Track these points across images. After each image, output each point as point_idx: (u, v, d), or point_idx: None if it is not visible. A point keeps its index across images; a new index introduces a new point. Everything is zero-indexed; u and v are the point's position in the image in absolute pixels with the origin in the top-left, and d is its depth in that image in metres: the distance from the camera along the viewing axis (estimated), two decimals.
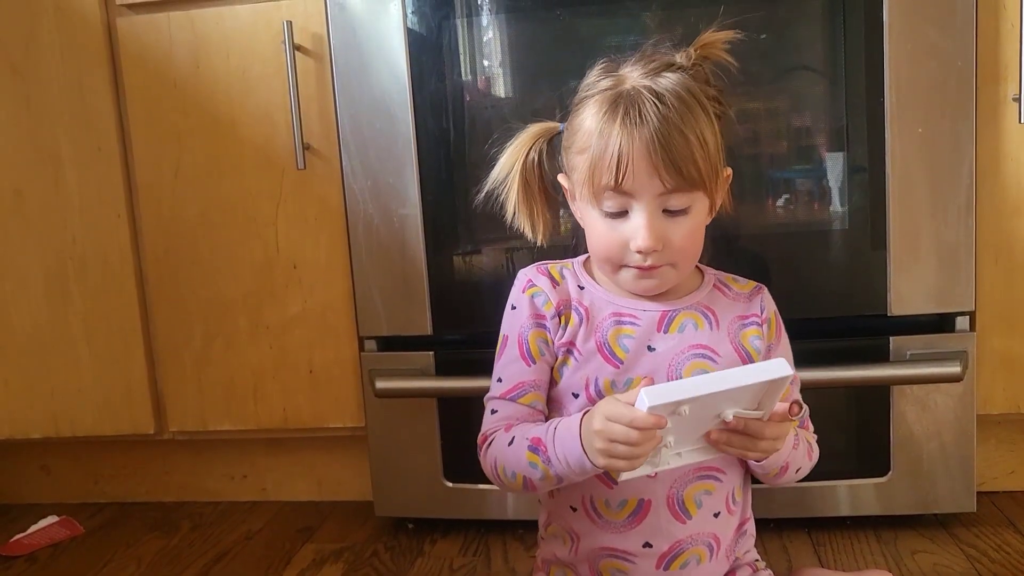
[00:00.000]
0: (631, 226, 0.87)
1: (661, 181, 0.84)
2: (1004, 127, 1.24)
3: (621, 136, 0.84)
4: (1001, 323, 1.28)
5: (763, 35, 1.25)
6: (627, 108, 0.84)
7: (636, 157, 0.83)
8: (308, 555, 1.38)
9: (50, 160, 1.45)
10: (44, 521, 1.55)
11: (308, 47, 1.36)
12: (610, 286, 0.95)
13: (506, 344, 0.96)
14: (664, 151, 0.83)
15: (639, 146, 0.83)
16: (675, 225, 0.87)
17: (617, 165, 0.84)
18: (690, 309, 0.93)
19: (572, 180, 0.92)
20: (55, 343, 1.50)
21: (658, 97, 0.84)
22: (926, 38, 1.20)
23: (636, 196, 0.85)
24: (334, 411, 1.45)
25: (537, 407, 0.94)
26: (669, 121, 0.83)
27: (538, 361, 0.94)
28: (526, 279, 0.96)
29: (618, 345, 0.91)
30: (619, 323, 0.92)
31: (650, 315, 0.92)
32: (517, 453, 0.88)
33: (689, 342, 0.91)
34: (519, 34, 1.34)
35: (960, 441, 1.28)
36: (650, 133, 0.83)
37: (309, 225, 1.40)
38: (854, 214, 1.26)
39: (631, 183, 0.84)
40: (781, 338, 0.97)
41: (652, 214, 0.86)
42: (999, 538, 1.27)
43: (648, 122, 0.83)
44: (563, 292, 0.95)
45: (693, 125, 0.84)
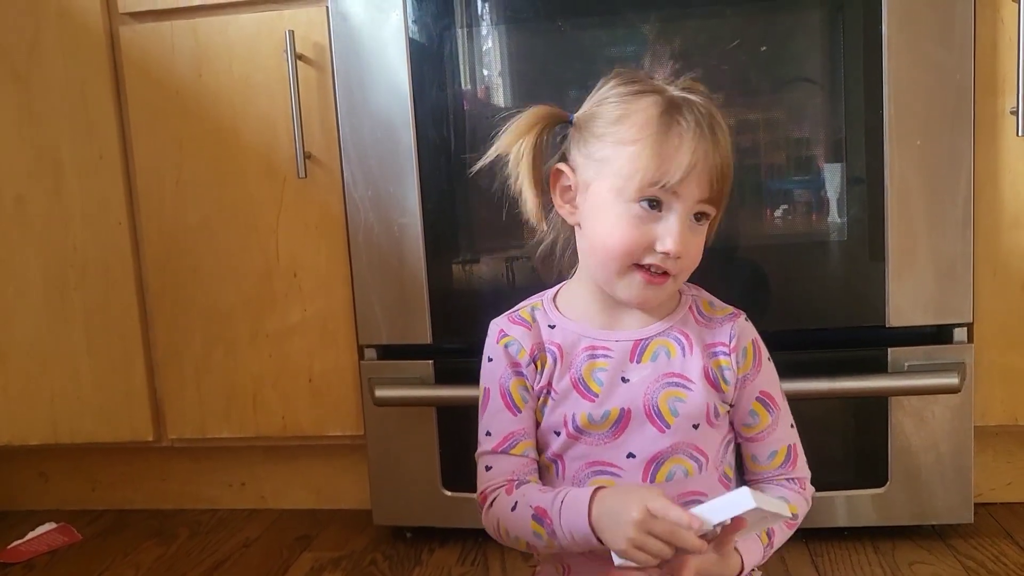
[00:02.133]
0: (663, 227, 0.85)
1: (708, 189, 0.85)
2: (1002, 140, 1.25)
3: (695, 141, 0.84)
4: (999, 335, 1.29)
5: (763, 47, 1.26)
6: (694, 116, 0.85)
7: (700, 166, 0.84)
8: (306, 563, 1.38)
9: (51, 167, 1.46)
10: (42, 528, 1.55)
11: (310, 56, 1.37)
12: (583, 314, 0.94)
13: (488, 397, 0.95)
14: (717, 168, 0.84)
15: (696, 152, 0.83)
16: (693, 235, 0.87)
17: (687, 169, 0.83)
18: (663, 336, 0.92)
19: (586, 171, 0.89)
20: (55, 350, 1.50)
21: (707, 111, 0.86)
22: (924, 51, 1.20)
23: (680, 200, 0.85)
24: (333, 419, 1.45)
25: (529, 455, 0.94)
26: (717, 137, 0.85)
27: (523, 409, 0.94)
28: (498, 330, 0.96)
29: (592, 379, 0.91)
30: (593, 356, 0.92)
31: (622, 345, 0.92)
32: (521, 520, 0.89)
33: (662, 371, 0.91)
34: (519, 44, 1.35)
35: (958, 452, 1.28)
36: (718, 149, 0.85)
37: (310, 233, 1.41)
38: (853, 225, 1.27)
39: (683, 186, 0.84)
40: (760, 368, 0.94)
41: (685, 220, 0.85)
42: (996, 549, 1.28)
43: (718, 138, 0.85)
44: (535, 335, 0.94)
45: (727, 149, 0.87)
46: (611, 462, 0.91)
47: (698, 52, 1.30)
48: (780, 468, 0.95)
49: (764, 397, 0.94)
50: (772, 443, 0.95)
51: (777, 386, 0.96)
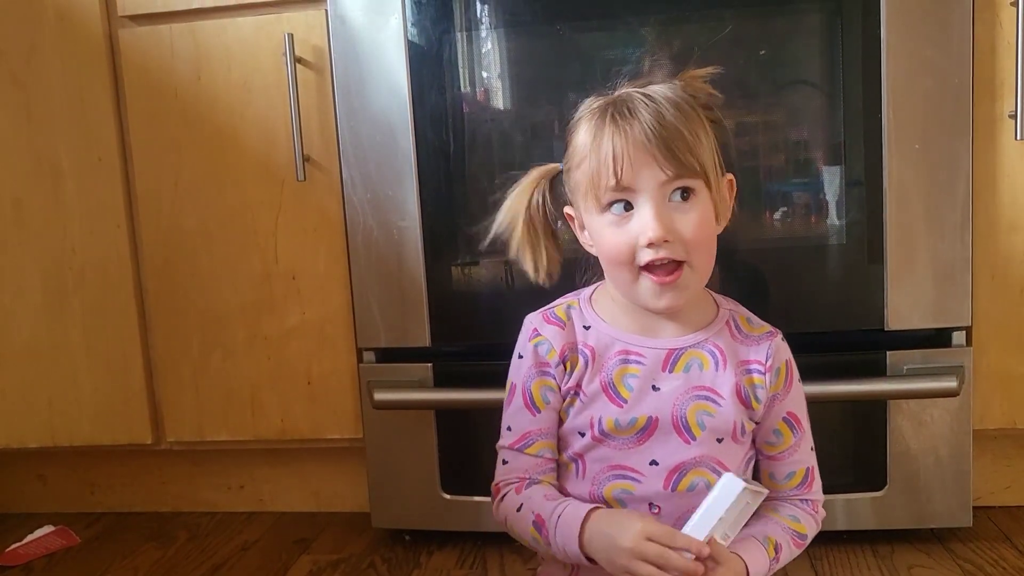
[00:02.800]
0: (638, 222, 0.86)
1: (661, 169, 0.84)
2: (1000, 144, 1.25)
3: (613, 134, 0.85)
4: (997, 338, 1.29)
5: (762, 50, 1.26)
6: (617, 108, 0.86)
7: (632, 150, 0.84)
8: (304, 566, 1.38)
9: (50, 170, 1.46)
10: (40, 531, 1.54)
11: (309, 59, 1.37)
12: (618, 319, 0.94)
13: (513, 392, 0.96)
14: (659, 139, 0.83)
15: (634, 138, 0.84)
16: (682, 215, 0.86)
17: (614, 160, 0.84)
18: (698, 347, 0.92)
19: (576, 202, 0.92)
20: (53, 352, 1.50)
21: (647, 97, 0.86)
22: (923, 55, 1.20)
23: (639, 190, 0.85)
24: (332, 422, 1.45)
25: (545, 455, 0.95)
26: (660, 115, 0.84)
27: (543, 410, 0.94)
28: (532, 328, 0.96)
29: (623, 384, 0.91)
30: (625, 362, 0.92)
31: (656, 353, 0.92)
32: (523, 523, 0.91)
33: (693, 383, 0.91)
34: (519, 48, 1.35)
35: (956, 456, 1.28)
36: (642, 125, 0.84)
37: (308, 236, 1.41)
38: (851, 228, 1.27)
39: (631, 176, 0.84)
40: (791, 389, 0.94)
41: (658, 204, 0.85)
42: (995, 553, 1.28)
43: (639, 116, 0.84)
44: (569, 335, 0.94)
45: (684, 121, 0.85)
46: (633, 467, 0.91)
47: (697, 55, 1.30)
48: (796, 489, 0.96)
49: (790, 418, 0.94)
50: (791, 464, 0.95)
51: (804, 408, 0.96)
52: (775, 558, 0.90)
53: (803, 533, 0.94)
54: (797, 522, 0.94)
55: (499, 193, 0.95)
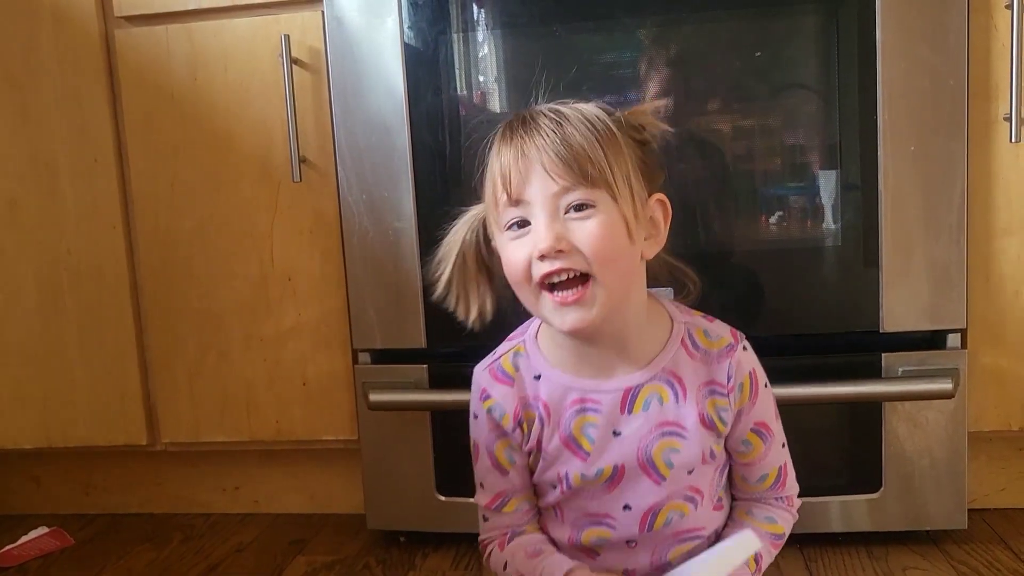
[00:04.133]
0: (532, 235, 0.81)
1: (552, 178, 0.79)
2: (995, 146, 1.25)
3: (507, 149, 0.82)
4: (992, 340, 1.29)
5: (758, 52, 1.26)
6: (518, 122, 0.83)
7: (523, 162, 0.80)
8: (300, 568, 1.38)
9: (46, 171, 1.45)
10: (34, 532, 1.54)
11: (305, 61, 1.37)
12: (567, 361, 0.89)
13: (477, 452, 0.95)
14: (551, 149, 0.79)
15: (524, 149, 0.80)
16: (579, 225, 0.80)
17: (502, 174, 0.81)
18: (655, 381, 0.87)
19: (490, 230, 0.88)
20: (48, 353, 1.50)
21: (554, 111, 0.82)
22: (919, 57, 1.21)
23: (531, 202, 0.81)
24: (327, 424, 1.45)
25: (523, 508, 0.95)
26: (559, 126, 0.80)
27: (511, 469, 0.93)
28: (481, 388, 0.93)
29: (583, 436, 0.88)
30: (582, 411, 0.88)
31: (612, 396, 0.87)
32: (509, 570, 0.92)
33: (655, 420, 0.87)
34: (515, 49, 1.35)
35: (951, 458, 1.28)
36: (537, 137, 0.80)
37: (304, 238, 1.41)
38: (847, 231, 1.27)
39: (520, 188, 0.80)
40: (757, 399, 0.90)
41: (550, 215, 0.80)
42: (990, 555, 1.28)
43: (538, 129, 0.81)
44: (519, 390, 0.90)
45: (588, 133, 0.80)
46: (607, 513, 0.90)
47: (693, 57, 1.30)
48: (770, 489, 0.94)
49: (759, 427, 0.91)
50: (763, 467, 0.93)
51: (772, 411, 0.93)
52: (757, 569, 0.90)
53: (780, 533, 0.94)
54: (774, 523, 0.94)
55: None
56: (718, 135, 1.30)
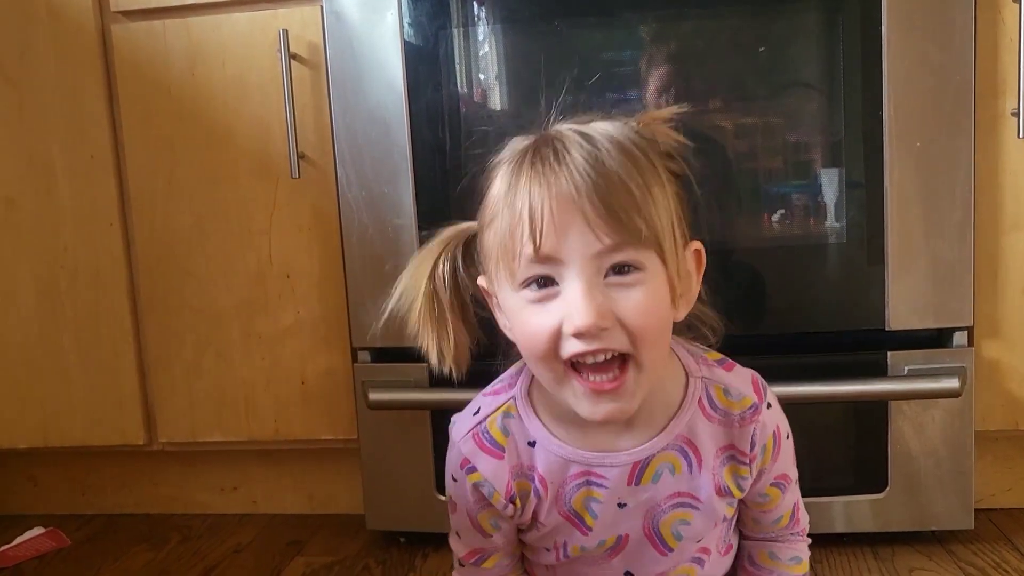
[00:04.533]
0: (563, 303, 0.66)
1: (595, 234, 0.64)
2: (1002, 141, 1.24)
3: (532, 184, 0.65)
4: (999, 339, 1.28)
5: (761, 48, 1.25)
6: (539, 150, 0.67)
7: (556, 206, 0.64)
8: (298, 569, 1.36)
9: (42, 168, 1.44)
10: (30, 532, 1.53)
11: (304, 56, 1.35)
12: (565, 430, 0.77)
13: (455, 508, 0.82)
14: (593, 193, 0.64)
15: (559, 190, 0.64)
16: (624, 295, 0.66)
17: (531, 220, 0.64)
18: (667, 450, 0.76)
19: (489, 273, 0.73)
20: (45, 352, 1.48)
21: (583, 135, 0.67)
22: (925, 52, 1.19)
23: (565, 261, 0.65)
24: (326, 423, 1.44)
25: (504, 564, 0.84)
26: (598, 159, 0.65)
27: (495, 533, 0.81)
28: (462, 459, 0.78)
29: (587, 511, 0.77)
30: (587, 484, 0.76)
31: (620, 471, 0.76)
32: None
33: (666, 492, 0.77)
34: (516, 45, 1.34)
35: (958, 457, 1.27)
36: (571, 172, 0.64)
37: (303, 235, 1.39)
38: (852, 228, 1.25)
39: (554, 243, 0.64)
40: (779, 455, 0.80)
41: (590, 281, 0.65)
42: (997, 556, 1.26)
43: (569, 160, 0.65)
44: (512, 459, 0.77)
45: (631, 169, 0.65)
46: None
47: (696, 54, 1.29)
48: (784, 529, 0.87)
49: (779, 480, 0.82)
50: (779, 512, 0.86)
51: (792, 460, 0.84)
52: None
53: (806, 571, 0.89)
54: (800, 562, 0.88)
55: None
56: (720, 132, 1.29)
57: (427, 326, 0.77)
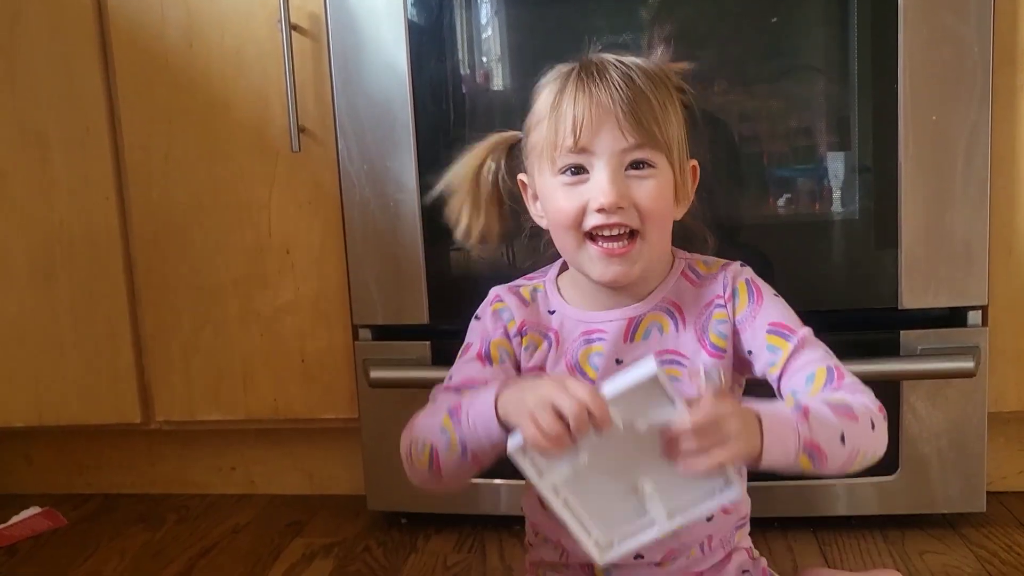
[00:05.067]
0: (592, 186, 0.83)
1: (623, 134, 0.82)
2: (1020, 115, 1.21)
3: (577, 94, 0.83)
4: (1014, 318, 1.25)
5: (774, 18, 1.23)
6: (585, 68, 0.84)
7: (596, 112, 0.82)
8: (297, 550, 1.35)
9: (37, 141, 1.41)
10: (26, 512, 1.51)
11: (305, 27, 1.32)
12: (580, 300, 0.92)
13: (467, 350, 0.94)
14: (625, 103, 0.81)
15: (598, 100, 0.82)
16: (639, 184, 0.83)
17: (574, 120, 0.82)
18: (655, 310, 0.89)
19: (531, 167, 0.90)
20: (40, 328, 1.46)
21: (620, 62, 0.84)
22: (942, 23, 1.16)
23: (596, 153, 0.83)
24: (326, 402, 1.42)
25: None
26: (630, 78, 0.82)
27: (495, 365, 0.91)
28: (495, 295, 0.95)
29: (588, 364, 0.89)
30: (588, 341, 0.90)
31: (616, 325, 0.89)
32: (434, 418, 0.84)
33: (655, 349, 0.88)
34: (520, 17, 1.31)
35: (970, 439, 1.25)
36: (609, 87, 0.82)
37: (303, 210, 1.37)
38: (865, 205, 1.23)
39: (590, 138, 0.82)
40: (762, 302, 0.88)
41: (615, 170, 0.83)
42: (1009, 539, 1.24)
43: (608, 77, 0.82)
44: (532, 314, 0.92)
45: (655, 90, 0.83)
46: None
47: (706, 27, 1.26)
48: (825, 388, 0.82)
49: (777, 327, 0.86)
50: (805, 366, 0.84)
51: (791, 315, 0.88)
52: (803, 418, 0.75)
53: (844, 403, 0.79)
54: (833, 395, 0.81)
55: None
56: (730, 110, 1.26)
57: (464, 207, 0.93)
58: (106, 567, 1.32)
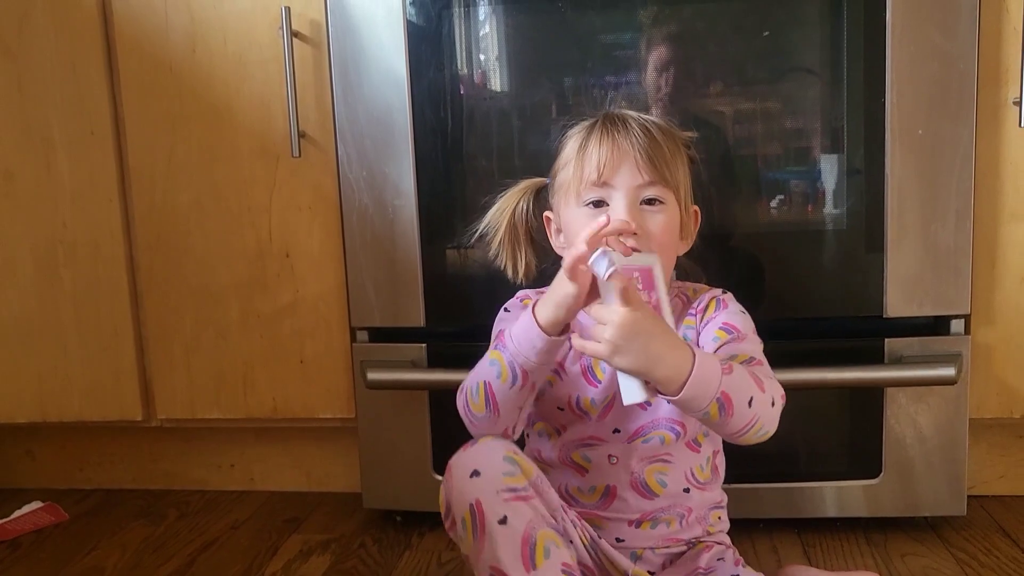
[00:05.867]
0: (611, 213, 0.93)
1: (640, 172, 0.94)
2: (1004, 131, 1.24)
3: (602, 138, 0.96)
4: (996, 327, 1.28)
5: (765, 32, 1.25)
6: (609, 119, 0.98)
7: (617, 154, 0.95)
8: (295, 546, 1.37)
9: (42, 143, 1.44)
10: (28, 507, 1.53)
11: (306, 34, 1.35)
12: None
13: (499, 337, 0.97)
14: (642, 148, 0.94)
15: (619, 144, 0.95)
16: (651, 216, 0.95)
17: (598, 160, 0.95)
18: None
19: (557, 203, 1.01)
20: (43, 327, 1.48)
21: (639, 116, 0.98)
22: (929, 39, 1.19)
23: (616, 187, 0.94)
24: (324, 402, 1.44)
25: None
26: (647, 130, 0.96)
27: None
28: (523, 294, 1.06)
29: (599, 367, 0.99)
30: None
31: None
32: (481, 362, 0.95)
33: None
34: (519, 25, 1.33)
35: (952, 445, 1.28)
36: (629, 135, 0.95)
37: (303, 214, 1.39)
38: (852, 215, 1.26)
39: (611, 174, 0.94)
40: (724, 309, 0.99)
41: (632, 202, 0.94)
42: (988, 542, 1.27)
43: (630, 128, 0.96)
44: None
45: (667, 140, 0.97)
46: (598, 436, 1.00)
47: (698, 38, 1.28)
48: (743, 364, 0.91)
49: (727, 326, 0.97)
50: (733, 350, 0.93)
51: (746, 325, 0.98)
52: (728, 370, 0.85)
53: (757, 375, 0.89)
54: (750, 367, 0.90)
55: (496, 173, 0.96)
56: (720, 117, 1.29)
57: (507, 248, 1.06)
58: (107, 562, 1.35)
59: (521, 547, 0.85)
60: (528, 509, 0.88)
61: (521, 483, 0.89)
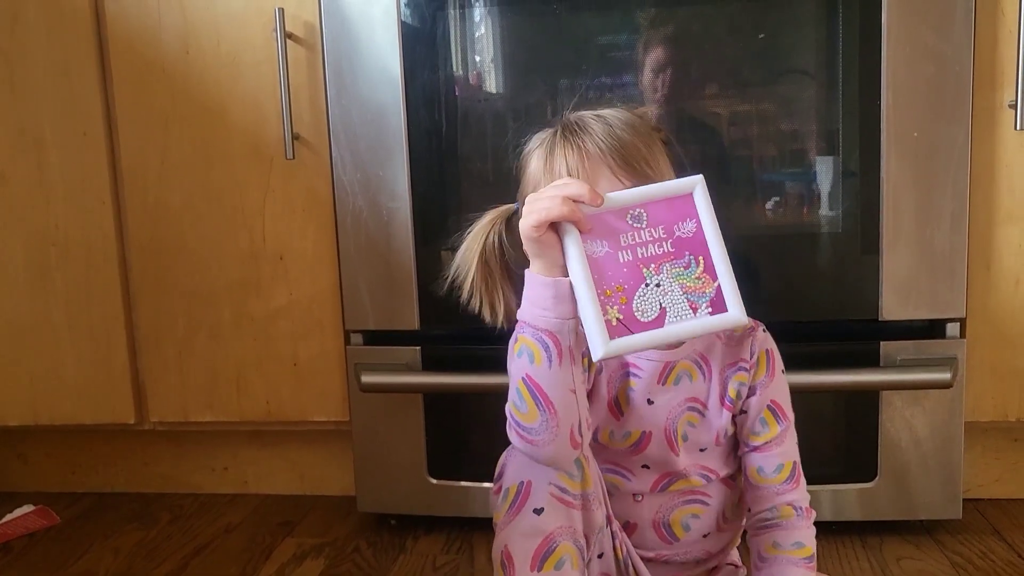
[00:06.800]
0: None
1: (619, 179, 0.84)
2: (999, 133, 1.24)
3: (566, 151, 0.85)
4: (991, 330, 1.28)
5: (760, 35, 1.25)
6: (567, 128, 0.87)
7: (589, 164, 0.84)
8: (289, 549, 1.37)
9: (34, 144, 1.43)
10: (20, 510, 1.52)
11: (300, 35, 1.34)
12: None
13: None
14: (613, 150, 0.84)
15: (587, 151, 0.85)
16: None
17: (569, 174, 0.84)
18: (686, 359, 0.93)
19: None
20: (35, 329, 1.47)
21: (596, 115, 0.88)
22: (924, 42, 1.19)
23: None
24: (318, 404, 1.43)
25: None
26: (611, 128, 0.86)
27: None
28: None
29: (624, 397, 0.94)
30: (626, 376, 0.93)
31: (652, 366, 0.93)
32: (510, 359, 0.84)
33: (684, 395, 0.93)
34: (513, 27, 1.33)
35: (947, 448, 1.28)
36: (594, 138, 0.85)
37: (296, 216, 1.39)
38: (847, 218, 1.25)
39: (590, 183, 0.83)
40: (774, 377, 0.95)
41: None
42: (984, 545, 1.27)
43: (590, 130, 0.86)
44: None
45: (636, 134, 0.87)
46: (627, 467, 0.95)
47: (693, 40, 1.28)
48: (785, 484, 0.94)
49: (774, 406, 0.95)
50: (778, 456, 0.94)
51: (788, 399, 0.96)
52: None
53: (811, 555, 0.94)
54: (802, 547, 0.94)
55: (491, 175, 0.93)
56: (716, 119, 1.29)
57: (480, 290, 0.91)
58: (99, 565, 1.34)
59: (539, 545, 0.84)
60: (565, 515, 0.85)
61: (574, 488, 0.86)
